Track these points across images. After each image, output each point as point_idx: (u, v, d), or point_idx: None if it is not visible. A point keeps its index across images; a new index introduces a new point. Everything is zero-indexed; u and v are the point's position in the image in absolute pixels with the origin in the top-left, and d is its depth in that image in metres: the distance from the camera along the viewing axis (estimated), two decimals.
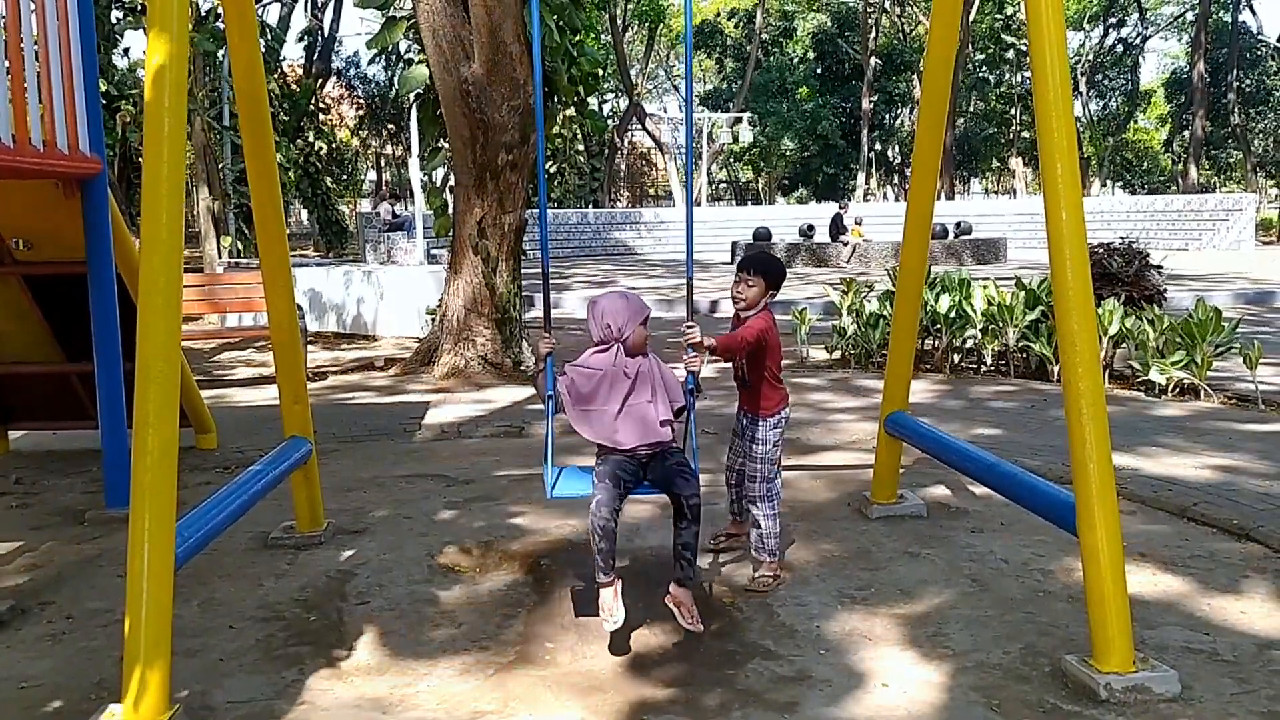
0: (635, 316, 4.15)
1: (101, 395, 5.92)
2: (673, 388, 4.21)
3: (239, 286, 11.58)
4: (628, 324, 4.14)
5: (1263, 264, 24.06)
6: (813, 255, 26.56)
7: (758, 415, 4.70)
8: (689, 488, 4.01)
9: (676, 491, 4.02)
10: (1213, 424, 7.77)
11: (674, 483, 4.03)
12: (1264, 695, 3.54)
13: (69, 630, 4.29)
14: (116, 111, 20.83)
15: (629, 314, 4.15)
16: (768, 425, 4.69)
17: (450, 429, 8.13)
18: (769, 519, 4.65)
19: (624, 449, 4.08)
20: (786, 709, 3.52)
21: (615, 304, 4.18)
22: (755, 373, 4.67)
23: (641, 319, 4.17)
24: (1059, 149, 3.73)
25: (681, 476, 4.04)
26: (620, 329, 4.14)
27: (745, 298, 4.59)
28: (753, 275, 4.57)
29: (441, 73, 10.20)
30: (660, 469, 4.10)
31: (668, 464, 4.10)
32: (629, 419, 4.08)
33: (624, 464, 4.06)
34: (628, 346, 4.15)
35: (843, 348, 11.10)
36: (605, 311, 4.18)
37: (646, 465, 4.12)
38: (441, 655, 3.99)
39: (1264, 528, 5.16)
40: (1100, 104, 52.87)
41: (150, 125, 3.59)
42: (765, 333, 4.55)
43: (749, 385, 4.72)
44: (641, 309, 4.20)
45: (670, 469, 4.07)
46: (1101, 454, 3.67)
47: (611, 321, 4.15)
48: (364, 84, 48.11)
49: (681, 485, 4.02)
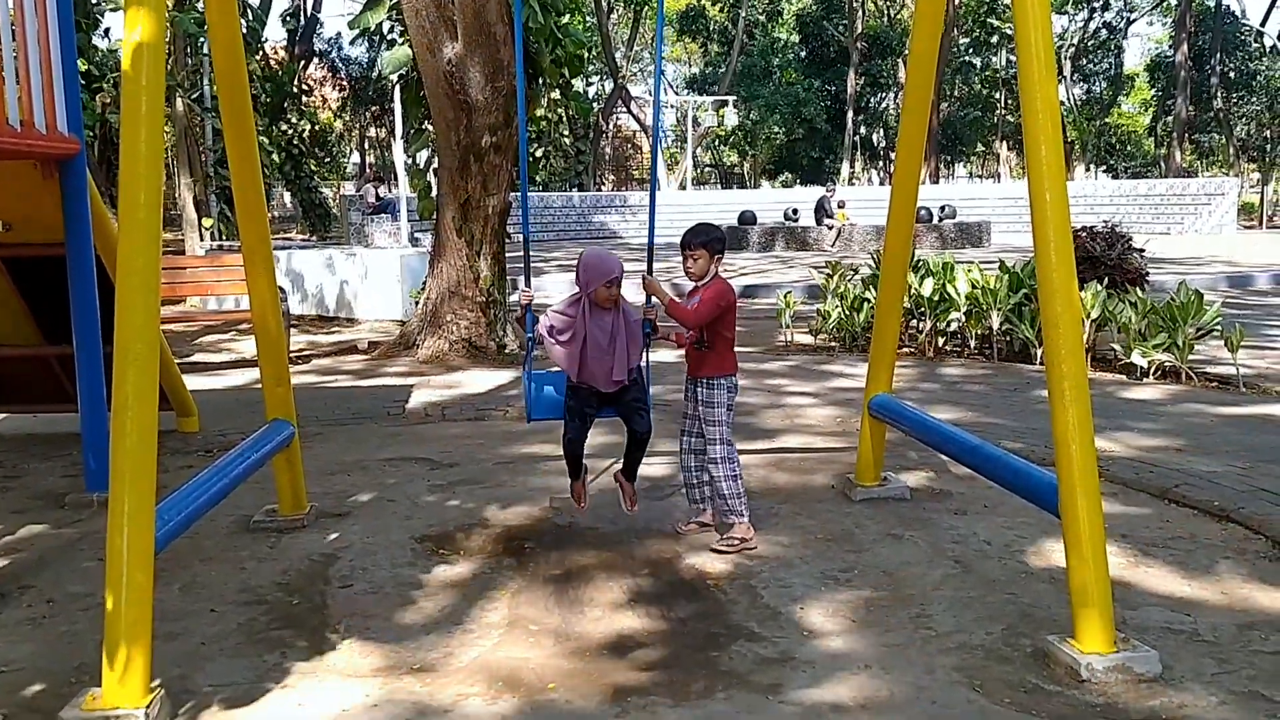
0: (600, 277, 4.61)
1: (81, 378, 5.87)
2: (635, 337, 4.74)
3: (220, 269, 11.51)
4: (592, 281, 4.61)
5: (1244, 248, 24.20)
6: (797, 239, 26.56)
7: (716, 377, 4.84)
8: (642, 423, 4.82)
9: (633, 426, 4.83)
10: (1194, 406, 7.82)
11: (630, 418, 4.82)
12: (1244, 675, 3.56)
13: (50, 614, 4.27)
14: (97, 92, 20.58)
15: (597, 273, 4.61)
16: (725, 386, 4.85)
17: (434, 412, 8.10)
18: (732, 480, 4.78)
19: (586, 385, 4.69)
20: (770, 690, 3.52)
21: (590, 261, 4.68)
22: (714, 335, 4.84)
23: (606, 280, 4.60)
24: (1043, 132, 3.73)
25: (637, 413, 4.80)
26: (586, 283, 4.63)
27: (695, 271, 4.83)
28: (695, 249, 4.80)
29: (424, 53, 10.13)
30: (620, 402, 4.80)
31: (626, 399, 4.78)
32: (595, 362, 4.64)
33: (589, 399, 4.77)
34: (592, 300, 4.63)
35: (827, 331, 11.11)
36: (583, 265, 4.68)
37: (607, 396, 4.76)
38: (425, 638, 3.98)
39: (1244, 509, 5.20)
40: (1084, 88, 52.93)
41: (128, 104, 3.55)
42: (721, 296, 4.77)
43: (708, 347, 4.85)
44: (609, 271, 4.62)
45: (628, 404, 4.79)
46: (1083, 436, 3.68)
47: (582, 275, 4.66)
48: (347, 65, 47.75)
49: (636, 421, 4.81)
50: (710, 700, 3.47)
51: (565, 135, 37.29)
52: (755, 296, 16.67)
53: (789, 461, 6.47)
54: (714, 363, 4.84)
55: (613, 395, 4.77)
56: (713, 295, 4.77)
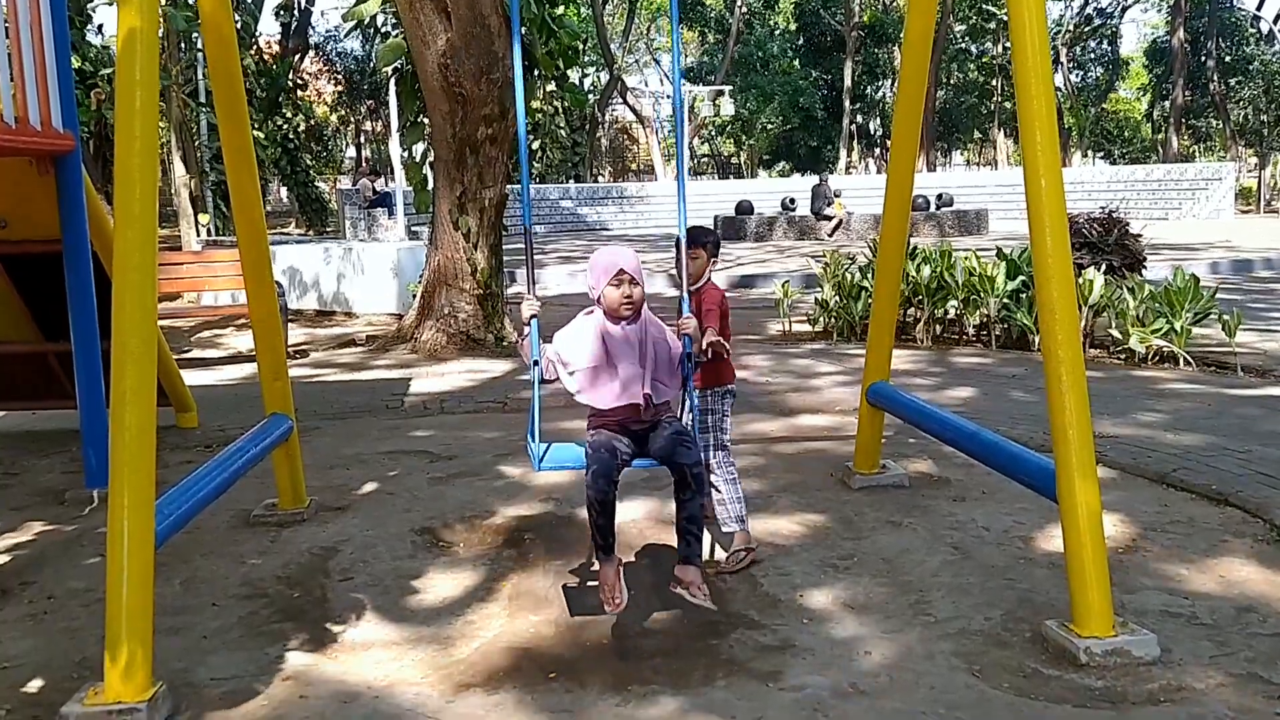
0: (606, 274, 3.78)
1: (79, 374, 5.87)
2: (665, 355, 3.90)
3: (216, 264, 11.49)
4: (597, 284, 3.80)
5: (1241, 233, 24.19)
6: (795, 228, 26.52)
7: (715, 388, 4.70)
8: (690, 456, 3.73)
9: (679, 461, 3.72)
10: (1192, 391, 7.83)
11: (675, 452, 3.74)
12: (1242, 658, 3.58)
13: (51, 610, 4.28)
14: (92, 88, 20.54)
15: (598, 271, 3.81)
16: (719, 394, 4.74)
17: (433, 404, 8.11)
18: (731, 484, 4.68)
19: (614, 416, 3.81)
20: (770, 678, 3.53)
21: (595, 259, 3.86)
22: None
23: (610, 277, 3.76)
24: (1038, 118, 3.73)
25: (683, 445, 3.75)
26: (593, 287, 3.83)
27: (693, 271, 4.59)
28: (696, 248, 4.61)
29: (419, 46, 10.11)
30: (658, 440, 3.80)
31: (666, 434, 3.80)
32: (624, 380, 3.77)
33: (618, 435, 3.81)
34: (603, 307, 3.81)
35: (825, 319, 11.12)
36: (591, 267, 3.87)
37: (643, 437, 3.84)
38: (426, 629, 3.99)
39: (1242, 493, 5.21)
40: (1080, 75, 52.85)
41: (122, 100, 3.55)
42: (720, 304, 4.66)
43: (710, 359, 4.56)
44: (614, 263, 3.78)
45: (670, 439, 3.78)
46: (1081, 422, 3.69)
47: (589, 278, 3.86)
48: (342, 59, 47.70)
49: (683, 454, 3.73)
50: (710, 688, 3.48)
51: (561, 127, 37.27)
52: (753, 286, 16.66)
53: (787, 450, 6.48)
54: (713, 373, 4.67)
55: (646, 435, 3.83)
56: (714, 305, 4.60)
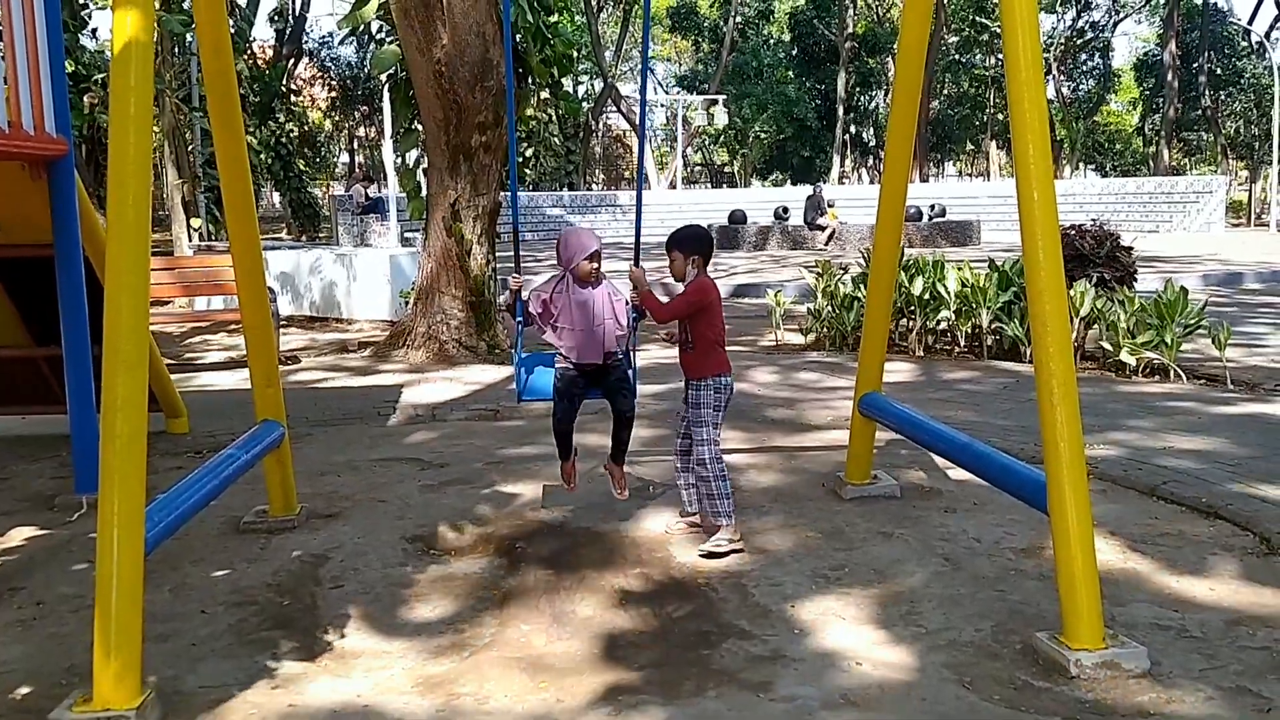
0: (580, 251, 4.83)
1: (70, 379, 5.85)
2: (619, 313, 4.89)
3: (209, 270, 11.46)
4: (574, 257, 4.82)
5: (1232, 246, 24.29)
6: (787, 238, 26.56)
7: (703, 378, 4.87)
8: (626, 402, 4.99)
9: (617, 406, 5.00)
10: (1182, 404, 7.85)
11: (615, 398, 4.98)
12: (1231, 670, 3.58)
13: (40, 616, 4.26)
14: (85, 93, 20.52)
15: (576, 248, 4.84)
16: (711, 387, 4.86)
17: (425, 411, 8.10)
18: (719, 480, 4.78)
19: (575, 360, 4.85)
20: (761, 688, 3.53)
21: (569, 238, 4.94)
22: (697, 334, 4.87)
23: (586, 255, 4.81)
24: (1030, 130, 3.75)
25: (621, 393, 4.96)
26: (569, 260, 4.84)
27: (674, 271, 4.97)
28: (670, 251, 4.95)
29: (414, 53, 10.12)
30: (605, 382, 4.95)
31: (611, 379, 4.95)
32: (584, 335, 4.82)
33: (576, 379, 4.91)
34: (574, 275, 4.83)
35: (818, 330, 11.13)
36: (563, 243, 4.92)
37: (594, 376, 4.93)
38: (416, 638, 3.99)
39: (1231, 506, 5.22)
40: (1072, 87, 53.07)
41: (116, 105, 3.55)
42: (699, 293, 4.84)
43: (693, 349, 4.90)
44: (587, 246, 4.85)
45: (613, 383, 4.95)
46: (1072, 434, 3.70)
47: (564, 253, 4.87)
48: (336, 65, 47.69)
49: (620, 400, 4.98)
50: (701, 698, 3.48)
51: (555, 135, 37.28)
52: (747, 296, 16.69)
53: (779, 460, 6.48)
54: (698, 364, 4.89)
55: (598, 376, 4.93)
56: (688, 291, 4.89)
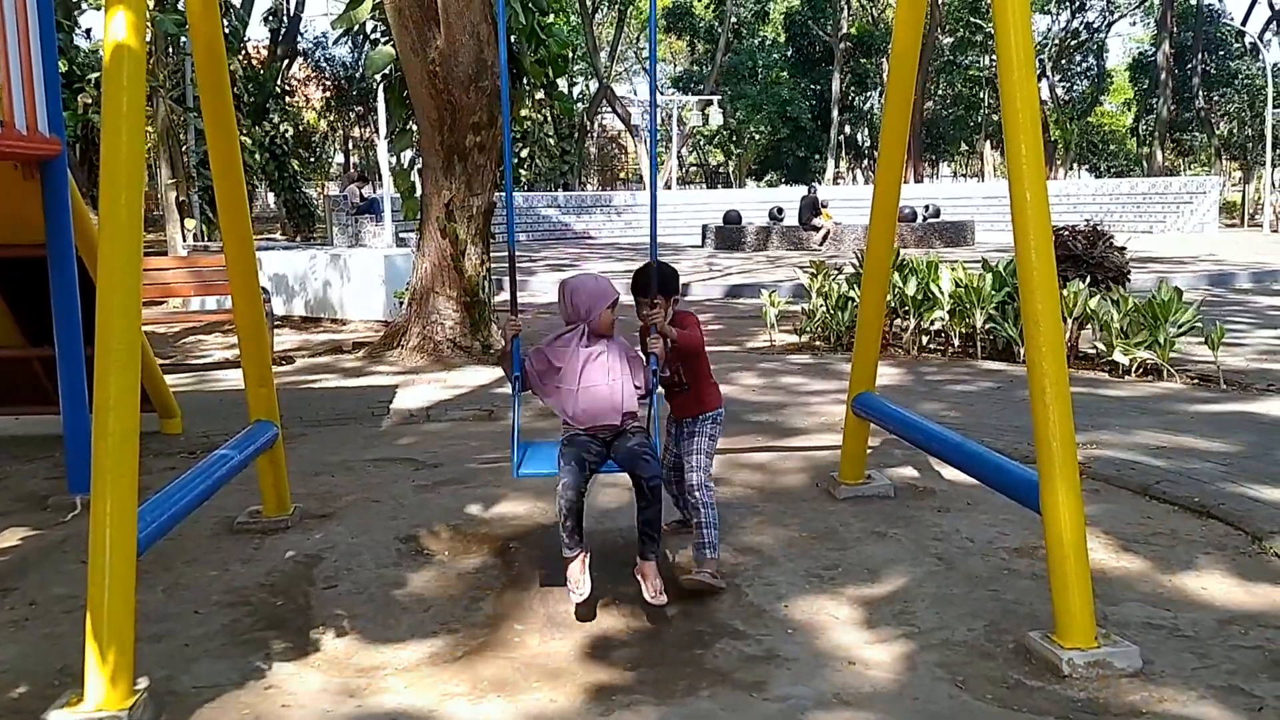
0: (602, 299, 4.28)
1: (63, 379, 5.83)
2: (636, 370, 4.33)
3: (203, 270, 11.45)
4: (594, 306, 4.27)
5: (1226, 246, 24.35)
6: (784, 238, 26.58)
7: (701, 414, 4.60)
8: (649, 469, 4.09)
9: (638, 473, 4.11)
10: (1175, 404, 7.87)
11: (635, 464, 4.12)
12: (1223, 670, 3.59)
13: (33, 616, 4.25)
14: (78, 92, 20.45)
15: (596, 296, 4.28)
16: (707, 420, 4.62)
17: (419, 412, 8.09)
18: (711, 510, 4.50)
19: (586, 427, 4.20)
20: (754, 688, 3.54)
21: (584, 286, 4.32)
22: (693, 374, 4.62)
23: (608, 303, 4.29)
24: (1023, 131, 3.76)
25: (643, 459, 4.12)
26: (587, 310, 4.27)
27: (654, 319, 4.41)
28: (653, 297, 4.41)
29: (408, 53, 10.12)
30: (623, 449, 4.19)
31: (630, 444, 4.18)
32: (592, 398, 4.19)
33: (588, 444, 4.18)
34: (592, 327, 4.27)
35: (812, 330, 11.14)
36: (574, 292, 4.32)
37: (610, 444, 4.23)
38: (410, 639, 3.98)
39: (1224, 505, 5.24)
40: (1066, 88, 53.16)
41: (109, 104, 3.54)
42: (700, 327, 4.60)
43: (687, 389, 4.63)
44: (608, 293, 4.32)
45: (633, 450, 4.16)
46: (1064, 434, 3.71)
47: (579, 303, 4.29)
48: (331, 65, 47.63)
49: (642, 467, 4.10)
50: (694, 698, 3.48)
51: (550, 135, 37.28)
52: (741, 296, 16.70)
53: (773, 460, 6.48)
54: (694, 402, 4.63)
55: (614, 441, 4.23)
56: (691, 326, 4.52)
